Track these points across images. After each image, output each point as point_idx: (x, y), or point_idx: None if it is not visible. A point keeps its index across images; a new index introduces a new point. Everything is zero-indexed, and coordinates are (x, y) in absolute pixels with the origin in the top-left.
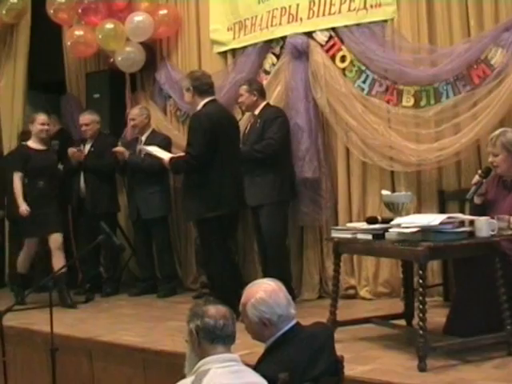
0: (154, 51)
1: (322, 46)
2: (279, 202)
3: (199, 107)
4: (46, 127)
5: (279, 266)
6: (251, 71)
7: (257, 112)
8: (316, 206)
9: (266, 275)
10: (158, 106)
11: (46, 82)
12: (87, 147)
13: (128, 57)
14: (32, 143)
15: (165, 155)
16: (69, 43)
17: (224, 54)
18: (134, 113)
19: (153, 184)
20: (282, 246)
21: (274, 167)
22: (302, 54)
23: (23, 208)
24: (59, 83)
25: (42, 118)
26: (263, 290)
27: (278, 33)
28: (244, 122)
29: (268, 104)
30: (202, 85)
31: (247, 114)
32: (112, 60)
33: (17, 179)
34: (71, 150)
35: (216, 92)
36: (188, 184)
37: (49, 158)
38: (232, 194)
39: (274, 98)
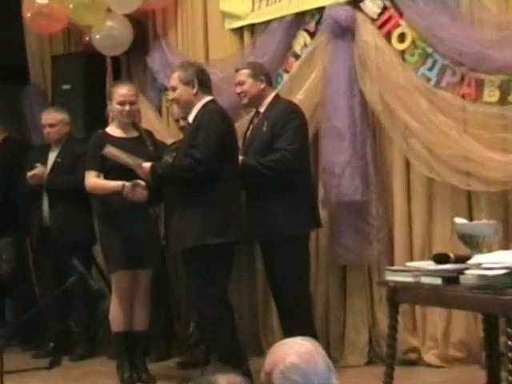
0: (145, 27)
1: (373, 20)
2: (297, 236)
3: (198, 106)
4: (127, 108)
5: (300, 322)
6: (276, 54)
7: (262, 108)
8: (363, 239)
9: (284, 333)
10: (149, 101)
11: (1, 67)
12: (51, 157)
13: (109, 34)
14: (112, 129)
15: (139, 160)
16: (28, 15)
17: (239, 30)
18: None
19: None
20: (303, 295)
21: (287, 188)
22: (345, 32)
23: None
24: (20, 70)
25: (121, 90)
26: (295, 353)
27: (312, 2)
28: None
29: (278, 96)
30: (207, 80)
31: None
32: (87, 39)
33: (91, 178)
34: (29, 175)
35: (228, 82)
36: (184, 199)
37: (138, 150)
38: (241, 217)
39: (305, 90)
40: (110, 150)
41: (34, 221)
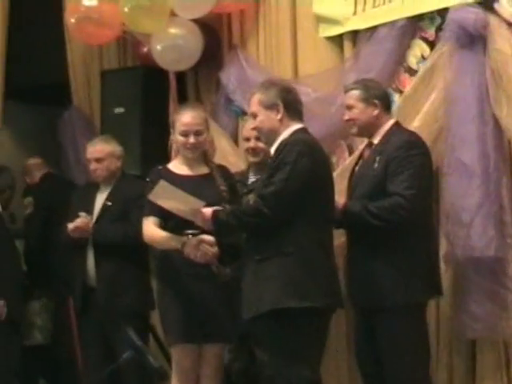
0: (218, 35)
1: (510, 24)
2: (410, 304)
3: (283, 136)
4: (191, 140)
5: None
6: (385, 69)
7: (376, 139)
8: (497, 306)
9: None
10: (223, 128)
11: (35, 86)
12: (100, 200)
13: (173, 44)
14: (175, 165)
15: (198, 203)
16: (72, 20)
17: (338, 39)
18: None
19: None
20: (418, 380)
21: (400, 243)
22: (475, 40)
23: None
24: (60, 89)
25: (184, 118)
26: None
27: (432, 3)
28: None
29: (397, 125)
30: (296, 102)
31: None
32: (146, 50)
33: (149, 226)
34: (71, 227)
35: (324, 104)
36: (258, 253)
37: (206, 191)
38: (334, 275)
39: (423, 115)
40: (158, 196)
41: (76, 278)
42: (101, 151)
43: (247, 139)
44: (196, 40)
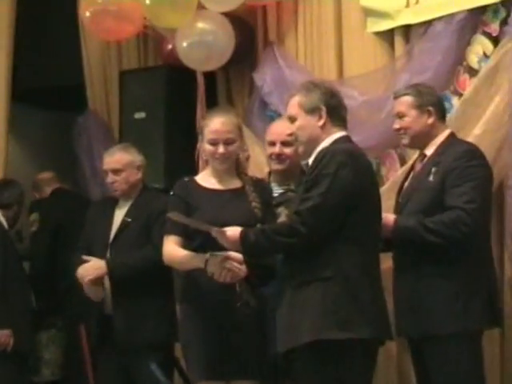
0: (252, 30)
1: None
2: (464, 334)
3: (323, 145)
4: (220, 149)
5: None
6: (442, 69)
7: (430, 150)
8: None
9: None
10: (257, 135)
11: (47, 88)
12: (118, 216)
13: (201, 41)
14: (203, 177)
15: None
16: (88, 14)
17: (388, 34)
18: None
19: None
20: None
21: (455, 264)
22: None
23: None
24: (74, 91)
25: (213, 124)
26: None
27: None
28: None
29: (453, 136)
30: (340, 107)
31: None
32: (170, 47)
33: (170, 246)
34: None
35: (372, 109)
36: (295, 277)
37: (237, 207)
38: (382, 304)
39: (485, 121)
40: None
41: (91, 305)
42: (119, 161)
43: (272, 143)
44: (227, 36)
